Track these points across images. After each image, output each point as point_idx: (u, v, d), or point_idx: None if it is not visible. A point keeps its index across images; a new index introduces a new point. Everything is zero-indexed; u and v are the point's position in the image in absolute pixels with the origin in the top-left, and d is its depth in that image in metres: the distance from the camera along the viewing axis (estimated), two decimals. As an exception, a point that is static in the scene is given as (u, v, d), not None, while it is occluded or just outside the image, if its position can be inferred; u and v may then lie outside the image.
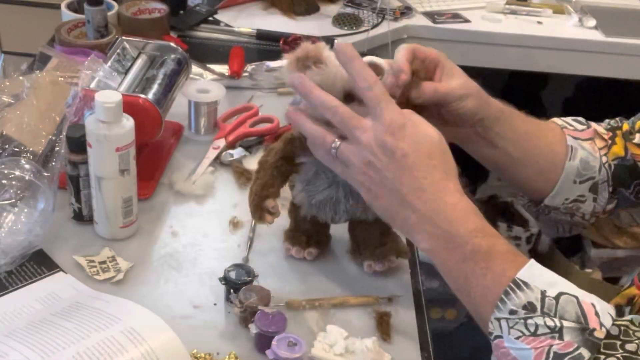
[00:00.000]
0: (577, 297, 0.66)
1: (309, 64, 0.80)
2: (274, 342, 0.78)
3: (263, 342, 0.80)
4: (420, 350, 0.84)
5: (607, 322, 0.65)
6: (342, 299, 0.89)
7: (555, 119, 0.97)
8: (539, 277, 0.68)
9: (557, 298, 0.66)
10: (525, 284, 0.67)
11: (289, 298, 0.88)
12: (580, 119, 0.98)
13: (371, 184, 0.76)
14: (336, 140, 0.77)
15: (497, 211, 2.01)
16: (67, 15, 1.36)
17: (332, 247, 0.97)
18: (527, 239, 1.96)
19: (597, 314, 0.66)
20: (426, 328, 0.87)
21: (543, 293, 0.67)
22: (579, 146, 0.94)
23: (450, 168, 0.76)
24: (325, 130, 0.78)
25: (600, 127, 0.98)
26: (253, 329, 0.81)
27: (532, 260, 0.70)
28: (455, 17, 1.73)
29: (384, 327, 0.86)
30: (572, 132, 0.95)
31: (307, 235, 0.94)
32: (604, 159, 0.95)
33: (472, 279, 0.71)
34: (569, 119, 0.97)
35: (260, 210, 0.88)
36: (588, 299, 0.67)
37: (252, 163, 1.12)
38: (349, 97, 0.80)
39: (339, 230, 0.96)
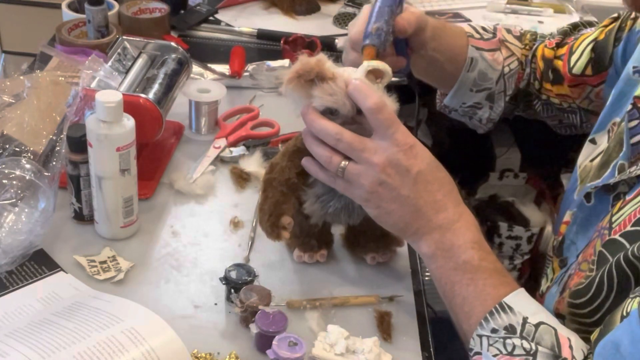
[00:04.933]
0: (555, 329, 0.71)
1: (313, 79, 0.78)
2: (274, 342, 0.78)
3: (264, 342, 0.80)
4: (421, 350, 0.84)
5: (579, 356, 0.69)
6: (343, 299, 0.89)
7: (465, 25, 1.04)
8: (524, 304, 0.73)
9: (537, 326, 0.71)
10: (510, 308, 0.72)
11: (289, 298, 0.88)
12: (488, 27, 1.05)
13: (381, 201, 0.79)
14: (343, 161, 0.79)
15: (498, 211, 2.00)
16: (68, 14, 1.36)
17: (332, 247, 0.97)
18: (528, 239, 1.95)
19: (571, 347, 0.70)
20: (427, 328, 0.87)
21: (525, 319, 0.71)
22: (480, 57, 1.01)
23: (451, 180, 0.81)
24: (332, 151, 0.80)
25: (509, 36, 1.05)
26: (253, 328, 0.81)
27: (521, 289, 0.75)
28: (456, 16, 1.73)
29: (384, 327, 0.86)
30: (477, 42, 1.01)
31: (316, 238, 0.94)
32: (507, 69, 1.03)
33: (456, 288, 0.76)
34: (478, 26, 1.04)
35: (277, 229, 0.87)
36: (566, 333, 0.71)
37: (249, 164, 1.11)
38: (361, 112, 0.79)
39: (335, 228, 0.96)
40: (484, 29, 1.04)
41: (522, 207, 1.99)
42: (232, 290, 0.86)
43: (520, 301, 0.73)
